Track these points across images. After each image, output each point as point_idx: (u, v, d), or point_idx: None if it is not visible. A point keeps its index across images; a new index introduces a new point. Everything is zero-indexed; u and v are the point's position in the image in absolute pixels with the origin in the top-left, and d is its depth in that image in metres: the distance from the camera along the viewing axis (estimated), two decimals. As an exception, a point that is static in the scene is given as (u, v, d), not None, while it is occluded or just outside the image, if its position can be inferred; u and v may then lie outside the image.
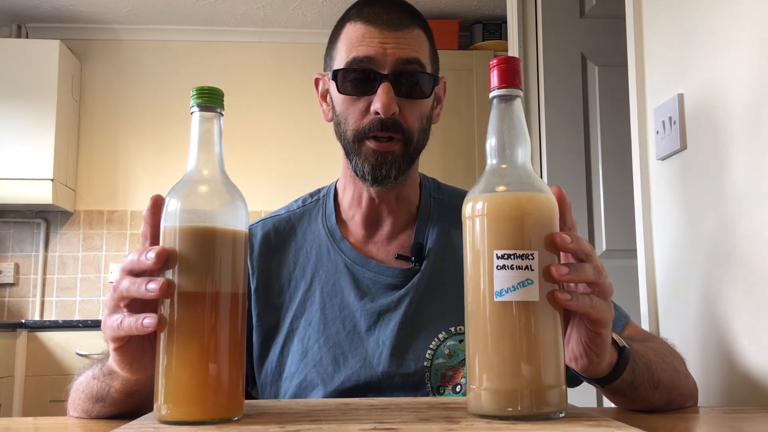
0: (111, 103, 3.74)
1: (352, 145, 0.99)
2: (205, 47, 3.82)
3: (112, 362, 0.72)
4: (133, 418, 0.69)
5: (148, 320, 0.64)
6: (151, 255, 0.65)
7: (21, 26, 3.68)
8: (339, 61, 1.00)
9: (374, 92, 0.96)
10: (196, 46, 3.81)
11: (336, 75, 0.99)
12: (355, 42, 0.98)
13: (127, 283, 0.66)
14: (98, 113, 3.74)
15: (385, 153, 0.98)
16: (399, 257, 1.03)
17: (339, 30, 1.02)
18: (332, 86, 1.01)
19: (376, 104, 0.95)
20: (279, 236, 1.08)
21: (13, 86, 3.35)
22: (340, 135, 1.02)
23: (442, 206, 1.08)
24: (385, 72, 0.96)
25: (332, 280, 1.03)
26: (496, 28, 3.67)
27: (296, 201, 1.14)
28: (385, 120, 0.96)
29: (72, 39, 3.70)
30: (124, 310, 0.67)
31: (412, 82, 0.98)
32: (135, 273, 0.67)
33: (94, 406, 0.82)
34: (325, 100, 1.06)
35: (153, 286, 0.64)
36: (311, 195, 1.14)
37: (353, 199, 1.07)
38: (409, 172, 1.02)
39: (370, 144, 0.98)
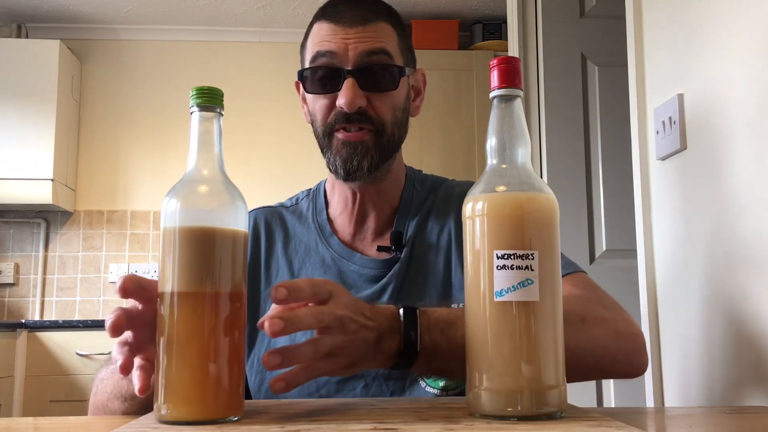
0: (111, 103, 3.74)
1: (323, 140, 1.01)
2: (205, 47, 3.81)
3: None
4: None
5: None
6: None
7: (21, 26, 3.68)
8: (306, 61, 1.02)
9: (340, 89, 0.97)
10: (196, 47, 3.81)
11: (302, 74, 1.01)
12: (318, 40, 1.00)
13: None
14: (98, 113, 3.73)
15: (355, 143, 0.98)
16: (380, 249, 1.04)
17: (308, 32, 1.04)
18: (301, 86, 1.03)
19: (341, 100, 0.96)
20: (269, 227, 1.10)
21: (13, 86, 3.35)
22: (315, 133, 1.03)
23: (422, 196, 1.09)
24: (349, 67, 0.97)
25: (318, 273, 1.04)
26: (496, 28, 3.67)
27: (290, 198, 1.15)
28: (350, 114, 0.97)
29: (72, 39, 3.69)
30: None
31: (378, 74, 0.98)
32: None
33: (123, 405, 0.82)
34: (305, 102, 1.07)
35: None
36: (304, 192, 1.15)
37: (339, 196, 1.08)
38: (386, 166, 1.03)
39: (339, 135, 0.99)
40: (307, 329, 0.69)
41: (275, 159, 3.72)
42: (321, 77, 0.99)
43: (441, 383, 0.95)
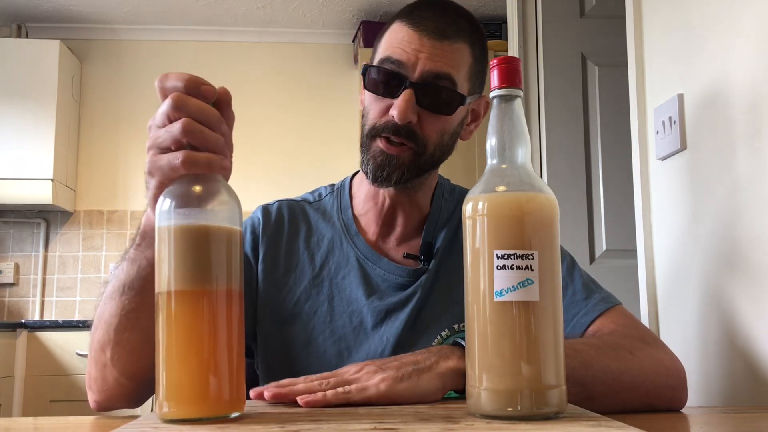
0: (111, 103, 3.74)
1: (365, 140, 1.00)
2: (205, 47, 3.81)
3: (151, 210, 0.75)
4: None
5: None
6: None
7: (21, 26, 3.68)
8: (376, 57, 1.00)
9: (397, 96, 0.95)
10: (196, 46, 3.81)
11: (366, 70, 0.99)
12: (393, 43, 0.97)
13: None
14: (98, 113, 3.74)
15: (392, 156, 0.97)
16: (407, 256, 1.03)
17: (389, 25, 1.02)
18: (362, 79, 1.01)
19: (394, 110, 0.94)
20: (293, 219, 1.08)
21: (13, 86, 3.35)
22: (361, 127, 1.02)
23: (451, 207, 1.08)
24: (412, 79, 0.95)
25: (342, 272, 1.03)
26: (496, 28, 3.67)
27: (312, 193, 1.14)
28: (399, 126, 0.95)
29: (72, 39, 3.70)
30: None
31: (437, 95, 0.96)
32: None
33: (120, 303, 0.81)
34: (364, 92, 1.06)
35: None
36: (326, 188, 1.14)
37: (368, 194, 1.07)
38: (420, 179, 1.01)
39: (380, 143, 0.97)
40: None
41: (275, 159, 3.72)
42: (383, 80, 0.97)
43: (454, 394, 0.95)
